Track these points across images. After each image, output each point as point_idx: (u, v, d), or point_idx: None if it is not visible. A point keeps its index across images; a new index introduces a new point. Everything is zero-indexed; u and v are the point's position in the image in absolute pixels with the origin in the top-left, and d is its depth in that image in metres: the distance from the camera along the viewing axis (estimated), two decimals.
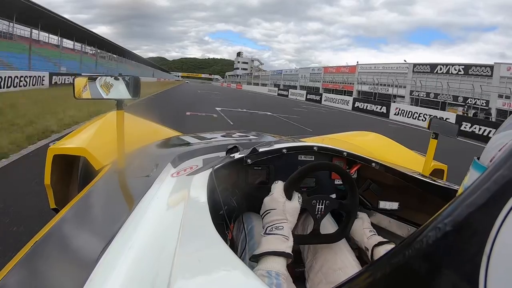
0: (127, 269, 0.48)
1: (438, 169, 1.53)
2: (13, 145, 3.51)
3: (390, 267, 0.26)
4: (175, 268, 0.45)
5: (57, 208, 1.28)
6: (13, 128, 4.34)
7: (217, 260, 0.48)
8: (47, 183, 1.27)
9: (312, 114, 13.38)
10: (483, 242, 0.21)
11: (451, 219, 0.23)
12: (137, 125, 1.82)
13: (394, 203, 0.92)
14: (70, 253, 0.64)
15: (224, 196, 0.75)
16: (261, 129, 2.95)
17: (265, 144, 0.98)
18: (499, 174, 0.22)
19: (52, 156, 1.27)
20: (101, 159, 1.22)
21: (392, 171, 0.95)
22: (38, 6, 15.60)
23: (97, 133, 1.49)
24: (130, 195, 0.97)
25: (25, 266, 0.59)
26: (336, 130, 2.46)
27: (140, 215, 0.65)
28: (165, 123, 2.31)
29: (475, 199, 0.23)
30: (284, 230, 0.62)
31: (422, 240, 0.24)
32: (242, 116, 9.37)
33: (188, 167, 0.92)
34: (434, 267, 0.23)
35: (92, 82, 1.08)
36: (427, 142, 1.41)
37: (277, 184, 0.70)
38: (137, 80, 1.09)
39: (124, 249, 0.53)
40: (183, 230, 0.54)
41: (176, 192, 0.76)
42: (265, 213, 0.67)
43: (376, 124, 11.78)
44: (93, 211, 0.90)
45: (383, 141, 1.87)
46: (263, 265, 0.56)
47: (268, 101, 18.94)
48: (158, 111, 7.53)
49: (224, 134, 1.68)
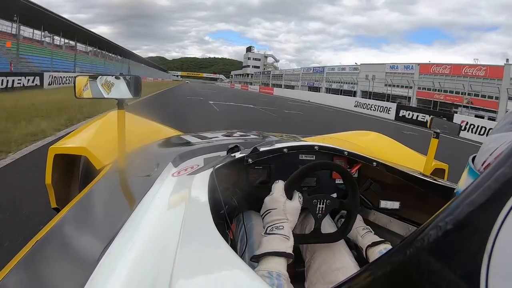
0: (128, 269, 0.48)
1: (439, 169, 1.53)
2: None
3: (390, 266, 0.26)
4: (176, 267, 0.45)
5: (58, 207, 1.29)
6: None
7: (218, 259, 0.48)
8: (48, 182, 1.27)
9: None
10: (484, 240, 0.21)
11: (452, 217, 0.23)
12: (138, 125, 1.82)
13: (395, 203, 0.92)
14: (71, 253, 0.64)
15: (225, 196, 0.75)
16: None
17: (266, 143, 0.98)
18: (501, 172, 0.22)
19: (53, 155, 1.27)
20: (102, 158, 1.22)
21: (393, 171, 0.94)
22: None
23: (98, 133, 1.49)
24: (131, 194, 0.97)
25: (26, 266, 0.59)
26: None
27: (141, 215, 0.65)
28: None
29: (476, 197, 0.23)
30: (284, 230, 0.62)
31: (423, 238, 0.24)
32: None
33: (189, 166, 0.92)
34: (435, 266, 0.23)
35: (93, 81, 1.08)
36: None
37: (278, 184, 0.70)
38: (138, 80, 1.09)
39: (125, 249, 0.53)
40: (184, 230, 0.54)
41: (177, 191, 0.76)
42: (265, 213, 0.67)
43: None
44: (94, 210, 0.90)
45: (384, 141, 1.86)
46: (264, 266, 0.56)
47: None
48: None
49: (225, 134, 1.68)
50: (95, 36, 27.94)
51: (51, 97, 8.81)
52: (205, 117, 7.92)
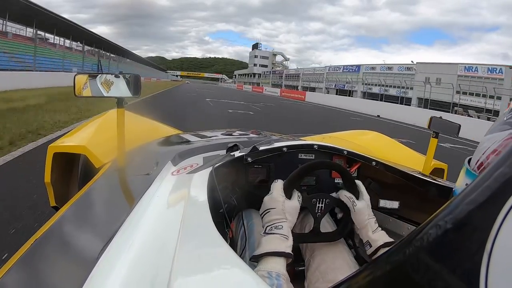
0: (127, 267, 0.48)
1: (438, 168, 1.53)
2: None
3: (390, 265, 0.26)
4: (175, 266, 0.45)
5: (57, 206, 1.29)
6: None
7: (217, 258, 0.48)
8: (47, 181, 1.27)
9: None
10: (484, 239, 0.21)
11: (452, 216, 0.23)
12: (138, 123, 1.82)
13: (394, 202, 0.92)
14: (70, 251, 0.64)
15: (224, 195, 0.75)
16: None
17: (265, 142, 0.98)
18: (500, 171, 0.22)
19: (52, 154, 1.27)
20: (101, 157, 1.22)
21: (392, 170, 0.95)
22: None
23: (97, 131, 1.49)
24: (130, 193, 0.97)
25: (25, 264, 0.59)
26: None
27: (140, 213, 0.65)
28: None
29: (476, 196, 0.23)
30: (283, 230, 0.62)
31: (423, 237, 0.24)
32: None
33: (188, 165, 0.92)
34: (435, 265, 0.23)
35: (93, 79, 1.08)
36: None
37: (277, 183, 0.70)
38: (138, 78, 1.09)
39: (124, 247, 0.53)
40: (183, 229, 0.54)
41: (176, 190, 0.76)
42: (264, 212, 0.66)
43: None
44: (93, 209, 0.90)
45: (384, 140, 1.87)
46: (263, 266, 0.56)
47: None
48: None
49: (225, 132, 1.68)
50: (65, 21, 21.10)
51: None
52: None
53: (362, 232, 0.72)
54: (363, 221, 0.71)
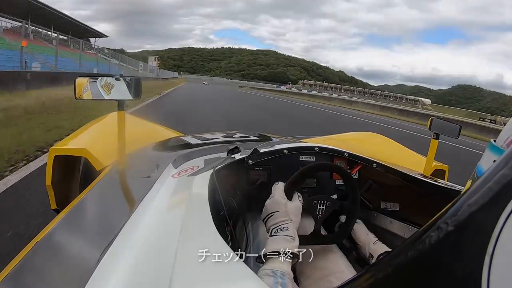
0: (128, 270, 0.48)
1: (439, 170, 1.52)
2: None
3: (392, 268, 0.26)
4: (176, 269, 0.45)
5: (58, 208, 1.29)
6: None
7: (219, 261, 0.47)
8: (48, 183, 1.27)
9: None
10: (486, 241, 0.21)
11: (454, 218, 0.23)
12: (138, 126, 1.83)
13: (395, 204, 0.92)
14: (71, 254, 0.64)
15: (225, 197, 0.75)
16: None
17: (266, 144, 0.98)
18: (502, 173, 0.22)
19: (53, 156, 1.27)
20: (102, 159, 1.22)
21: (393, 172, 0.94)
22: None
23: (98, 134, 1.49)
24: (131, 195, 0.97)
25: (27, 266, 0.59)
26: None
27: (141, 216, 0.65)
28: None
29: (478, 198, 0.23)
30: (289, 231, 0.62)
31: (424, 240, 0.24)
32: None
33: (189, 167, 0.92)
34: (437, 267, 0.23)
35: (93, 82, 1.09)
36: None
37: (277, 186, 0.70)
38: (138, 81, 1.09)
39: (125, 250, 0.53)
40: (184, 231, 0.54)
41: (177, 192, 0.76)
42: (268, 216, 0.66)
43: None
44: (94, 212, 0.90)
45: (384, 142, 1.87)
46: (268, 265, 0.56)
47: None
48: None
49: (225, 135, 1.68)
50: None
51: None
52: None
53: (365, 247, 0.79)
54: (364, 236, 0.80)
